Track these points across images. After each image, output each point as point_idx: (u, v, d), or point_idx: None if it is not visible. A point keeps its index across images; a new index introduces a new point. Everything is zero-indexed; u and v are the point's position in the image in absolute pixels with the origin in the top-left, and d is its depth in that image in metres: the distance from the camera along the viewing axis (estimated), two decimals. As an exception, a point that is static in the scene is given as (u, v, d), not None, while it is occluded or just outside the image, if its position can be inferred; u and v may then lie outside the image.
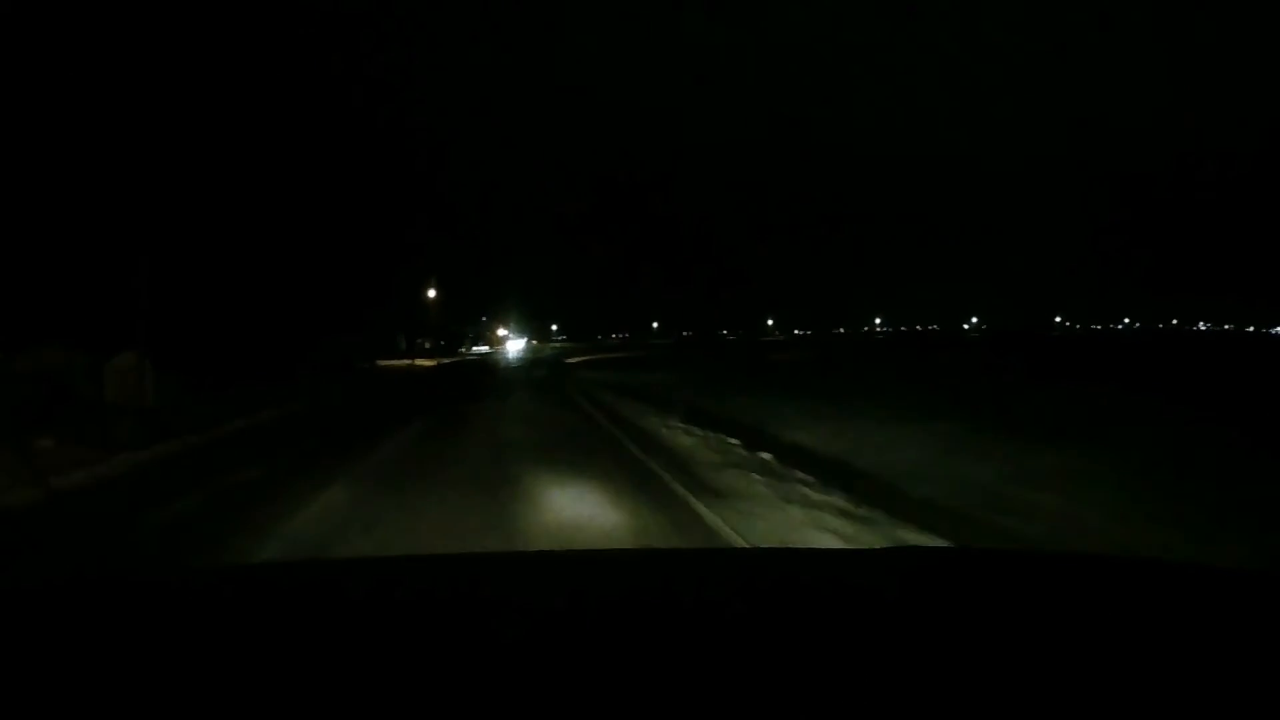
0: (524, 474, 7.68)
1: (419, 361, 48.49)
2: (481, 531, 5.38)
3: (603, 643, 0.99)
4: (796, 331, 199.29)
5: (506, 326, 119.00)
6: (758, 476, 7.64)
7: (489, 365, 44.92)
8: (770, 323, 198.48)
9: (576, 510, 6.14)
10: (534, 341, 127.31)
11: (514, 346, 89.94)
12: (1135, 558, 1.61)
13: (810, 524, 5.77)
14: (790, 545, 4.88)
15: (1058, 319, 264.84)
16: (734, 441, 10.20)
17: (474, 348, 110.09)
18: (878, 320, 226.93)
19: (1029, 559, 1.83)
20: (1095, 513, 6.94)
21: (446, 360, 54.15)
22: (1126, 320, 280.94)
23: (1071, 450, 10.27)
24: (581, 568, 1.58)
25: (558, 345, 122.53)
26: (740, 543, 5.25)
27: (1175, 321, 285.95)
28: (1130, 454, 10.31)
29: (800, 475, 7.76)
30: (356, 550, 4.92)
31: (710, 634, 1.03)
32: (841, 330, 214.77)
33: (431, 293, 49.77)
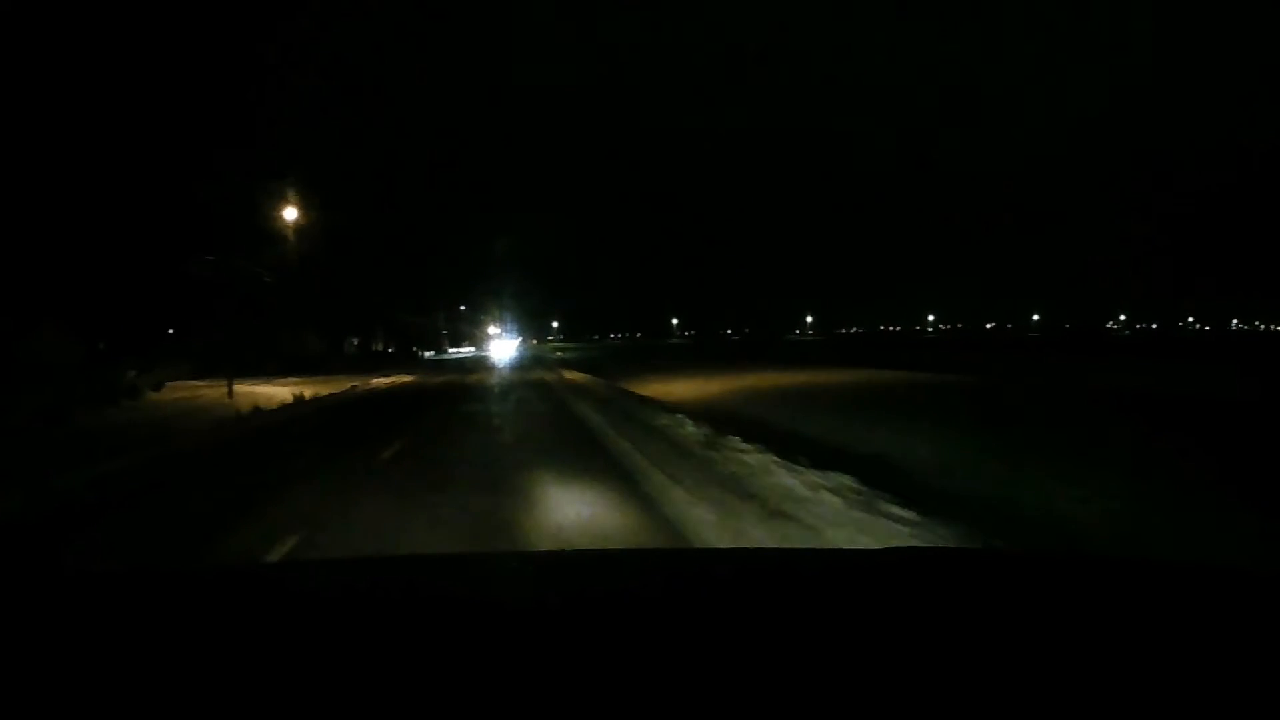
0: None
1: (262, 390, 19.50)
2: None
3: (601, 643, 0.97)
4: (794, 331, 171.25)
5: (499, 322, 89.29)
6: None
7: (400, 413, 15.43)
8: (809, 320, 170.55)
9: None
10: (533, 341, 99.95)
11: (503, 348, 61.06)
12: (1140, 559, 1.45)
13: None
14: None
15: (1122, 317, 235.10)
16: None
17: (450, 349, 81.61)
18: (930, 317, 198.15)
19: (1028, 560, 1.76)
20: None
21: (345, 390, 23.99)
22: (1192, 319, 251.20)
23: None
24: (580, 568, 1.54)
25: (567, 346, 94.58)
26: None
27: (1235, 321, 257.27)
28: None
29: None
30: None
31: (709, 634, 1.01)
32: (897, 328, 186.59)
33: (290, 214, 20.28)
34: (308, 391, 19.74)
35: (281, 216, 20.21)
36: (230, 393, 18.07)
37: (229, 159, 24.28)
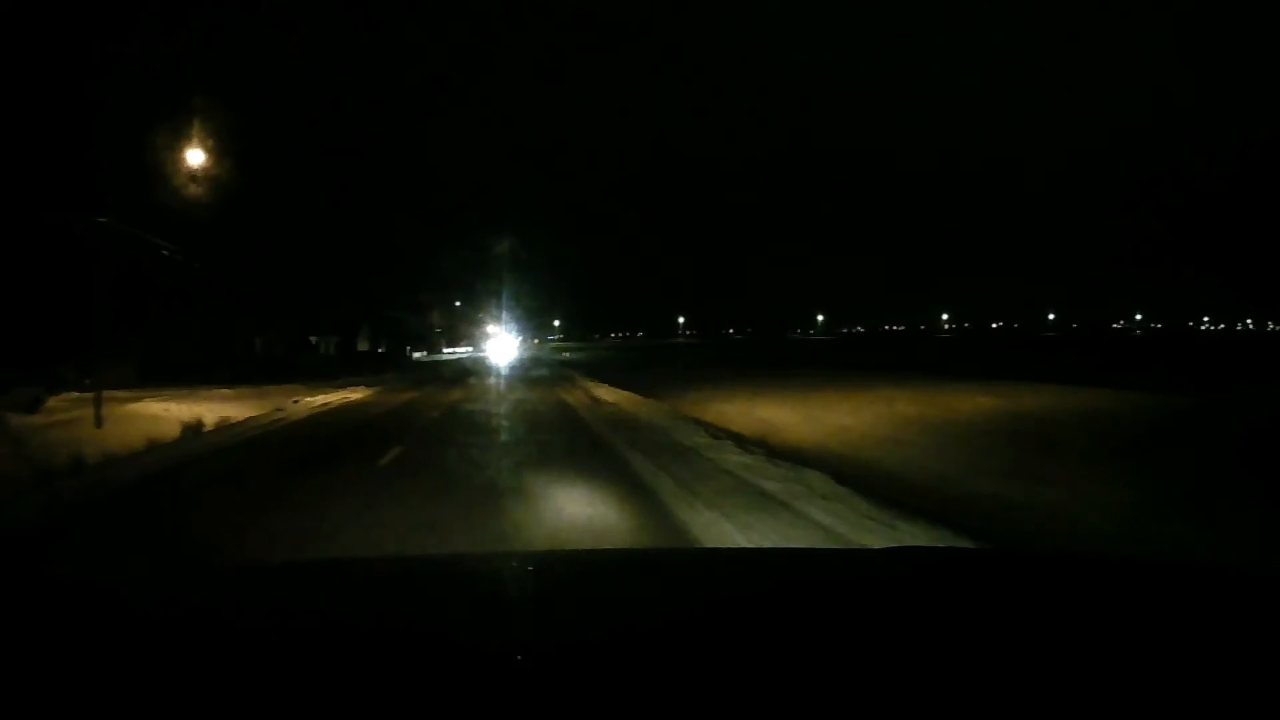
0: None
1: (159, 411, 13.06)
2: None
3: (602, 644, 0.96)
4: (796, 330, 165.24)
5: (497, 320, 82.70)
6: None
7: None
8: (820, 319, 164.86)
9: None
10: (534, 341, 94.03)
11: (502, 349, 54.78)
12: (1139, 559, 1.35)
13: None
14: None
15: (1138, 316, 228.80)
16: None
17: (446, 349, 75.39)
18: (944, 316, 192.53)
19: (1027, 560, 1.74)
20: None
21: (258, 417, 17.31)
22: (1206, 319, 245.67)
23: None
24: (580, 569, 1.51)
25: (571, 346, 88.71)
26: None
27: (1249, 322, 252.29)
28: None
29: None
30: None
31: (709, 635, 1.00)
32: (901, 327, 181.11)
33: (194, 159, 13.98)
34: (215, 416, 13.41)
35: (189, 167, 13.88)
36: (98, 420, 11.74)
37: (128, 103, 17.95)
